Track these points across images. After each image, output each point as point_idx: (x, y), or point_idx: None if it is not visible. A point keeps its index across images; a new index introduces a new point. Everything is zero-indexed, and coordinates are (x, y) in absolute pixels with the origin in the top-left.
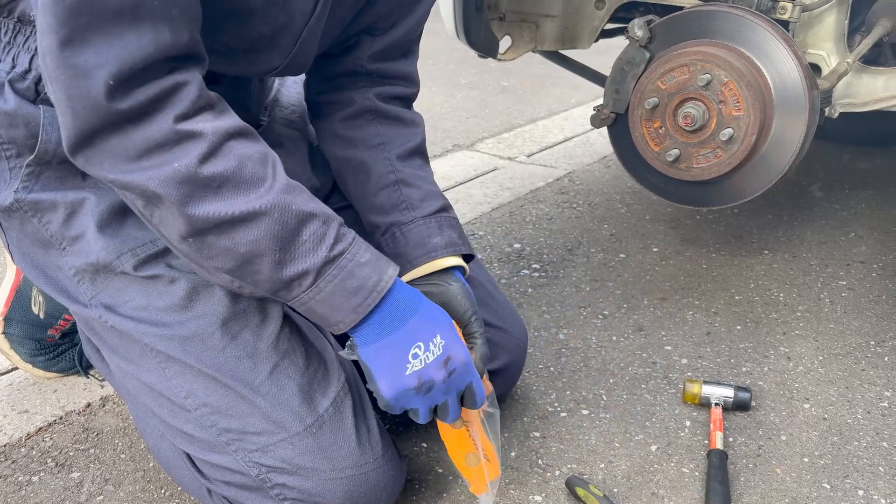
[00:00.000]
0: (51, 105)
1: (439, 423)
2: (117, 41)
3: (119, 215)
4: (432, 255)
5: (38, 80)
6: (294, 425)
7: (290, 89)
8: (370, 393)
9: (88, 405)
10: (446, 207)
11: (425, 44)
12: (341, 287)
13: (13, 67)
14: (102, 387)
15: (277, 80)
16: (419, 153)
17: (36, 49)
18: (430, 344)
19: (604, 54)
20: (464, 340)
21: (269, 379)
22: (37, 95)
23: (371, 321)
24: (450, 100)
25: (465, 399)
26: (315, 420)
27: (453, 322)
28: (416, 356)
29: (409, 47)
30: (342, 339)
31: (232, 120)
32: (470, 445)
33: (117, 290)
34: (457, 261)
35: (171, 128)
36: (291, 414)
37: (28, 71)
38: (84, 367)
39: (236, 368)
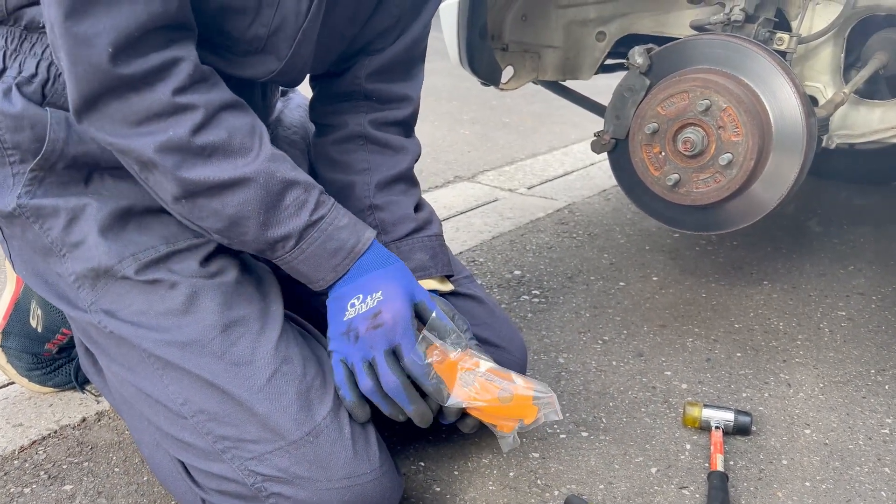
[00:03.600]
0: (58, 107)
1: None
2: (113, 11)
3: (120, 220)
4: None
5: (45, 82)
6: (291, 433)
7: (294, 112)
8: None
9: (83, 420)
10: (420, 228)
11: (427, 82)
12: (322, 248)
13: (20, 73)
14: (98, 402)
15: (280, 102)
16: (403, 179)
17: (42, 53)
18: (369, 297)
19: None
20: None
21: (268, 386)
22: (43, 98)
23: (346, 276)
24: (452, 134)
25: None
26: (312, 428)
27: (410, 304)
28: (353, 305)
29: (409, 69)
30: None
31: (224, 93)
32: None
33: (118, 296)
34: (430, 284)
35: (170, 99)
36: (289, 421)
37: (34, 75)
38: (80, 383)
39: (235, 375)
